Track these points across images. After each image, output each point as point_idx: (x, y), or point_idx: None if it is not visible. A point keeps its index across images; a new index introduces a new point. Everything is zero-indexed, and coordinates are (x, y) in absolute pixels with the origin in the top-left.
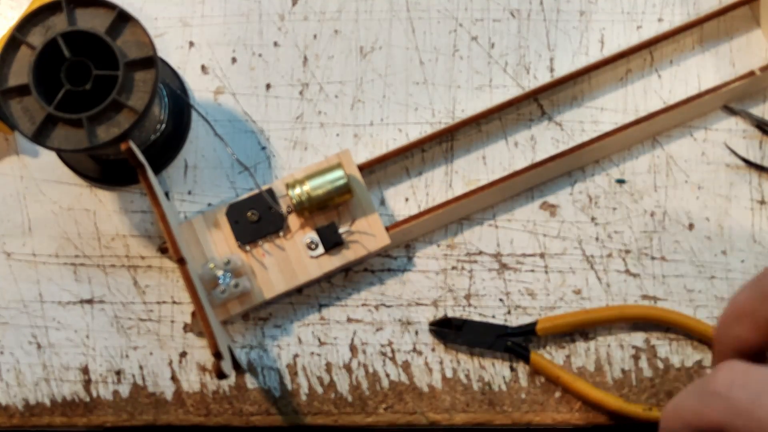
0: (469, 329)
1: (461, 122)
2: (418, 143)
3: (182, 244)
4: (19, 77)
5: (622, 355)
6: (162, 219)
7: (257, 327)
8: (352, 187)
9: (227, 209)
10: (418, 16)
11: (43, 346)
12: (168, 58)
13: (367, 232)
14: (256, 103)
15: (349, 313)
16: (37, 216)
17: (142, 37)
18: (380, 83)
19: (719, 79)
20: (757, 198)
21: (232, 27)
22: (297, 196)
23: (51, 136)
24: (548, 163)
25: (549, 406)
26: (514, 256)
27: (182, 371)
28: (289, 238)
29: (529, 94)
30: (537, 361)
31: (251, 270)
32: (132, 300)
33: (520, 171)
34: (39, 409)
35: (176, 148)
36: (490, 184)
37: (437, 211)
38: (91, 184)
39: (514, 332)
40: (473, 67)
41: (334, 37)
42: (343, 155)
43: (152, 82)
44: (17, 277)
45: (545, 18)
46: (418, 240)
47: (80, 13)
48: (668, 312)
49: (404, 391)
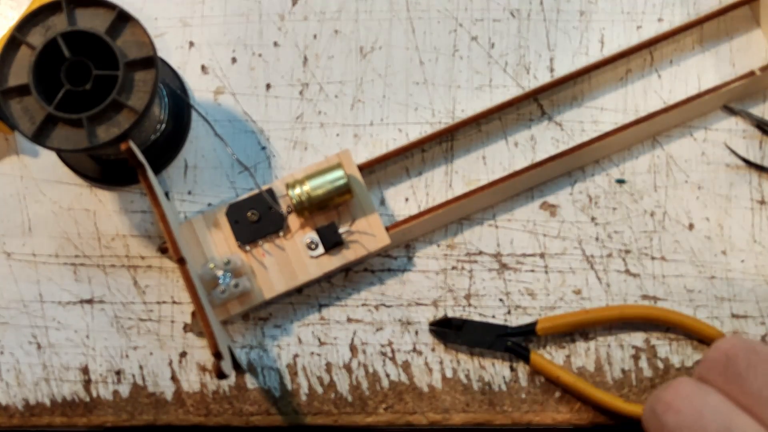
0: (469, 329)
1: (461, 122)
2: (418, 143)
3: (182, 244)
4: (19, 77)
5: (622, 355)
6: (162, 219)
7: (257, 327)
8: (352, 187)
9: (227, 209)
10: (418, 16)
11: (43, 346)
12: (168, 58)
13: (367, 232)
14: (256, 103)
15: (349, 313)
16: (37, 216)
17: (142, 37)
18: (380, 83)
19: (719, 79)
20: (757, 198)
21: (232, 27)
22: (297, 196)
23: (51, 136)
24: (548, 163)
25: (549, 406)
26: (514, 256)
27: (182, 371)
28: (289, 238)
29: (529, 94)
30: (537, 361)
31: (251, 270)
32: (132, 300)
33: (520, 171)
34: (39, 409)
35: (176, 148)
36: (490, 184)
37: (437, 211)
38: (91, 184)
39: (514, 332)
40: (473, 67)
41: (334, 37)
42: (343, 155)
43: (152, 82)
44: (17, 277)
45: (545, 18)
46: (418, 240)
47: (80, 13)
48: (668, 312)
49: (404, 391)
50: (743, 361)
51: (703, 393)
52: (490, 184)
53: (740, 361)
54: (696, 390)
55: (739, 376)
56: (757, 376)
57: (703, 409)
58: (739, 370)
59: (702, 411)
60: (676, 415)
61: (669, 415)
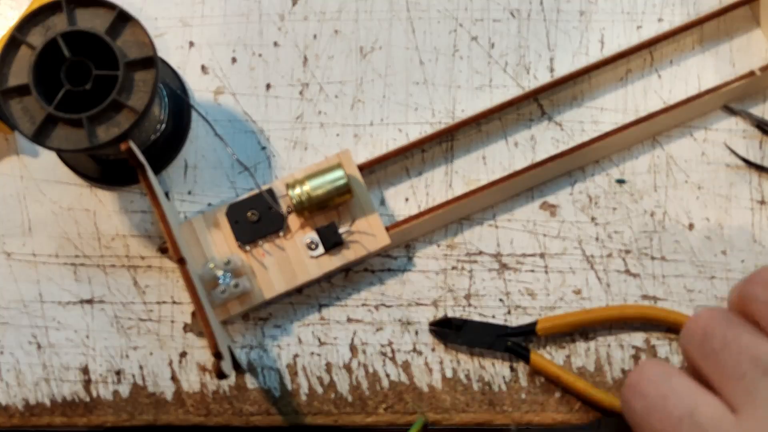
0: (469, 329)
1: (461, 122)
2: (418, 143)
3: (182, 244)
4: (19, 77)
5: (622, 355)
6: (162, 219)
7: (257, 327)
8: (352, 187)
9: (227, 209)
10: (418, 16)
11: (43, 346)
12: (168, 58)
13: (367, 232)
14: (256, 103)
15: (349, 313)
16: (37, 216)
17: (142, 37)
18: (380, 83)
19: (719, 79)
20: (757, 198)
21: (232, 27)
22: (297, 196)
23: (51, 136)
24: (548, 163)
25: (549, 406)
26: (514, 256)
27: (182, 371)
28: (289, 238)
29: (529, 94)
30: (537, 361)
31: (251, 270)
32: (132, 300)
33: (520, 171)
34: (39, 409)
35: (176, 148)
36: (490, 184)
37: (437, 211)
38: (91, 184)
39: (514, 332)
40: (473, 67)
41: (334, 37)
42: (343, 155)
43: (152, 82)
44: (17, 277)
45: (545, 18)
46: (418, 240)
47: (80, 13)
48: (668, 312)
49: (404, 391)
50: (719, 340)
51: (667, 375)
52: (490, 184)
53: (716, 338)
54: (661, 372)
55: (714, 353)
56: (731, 355)
57: (667, 392)
58: (714, 347)
59: (667, 394)
60: (643, 399)
61: (636, 399)
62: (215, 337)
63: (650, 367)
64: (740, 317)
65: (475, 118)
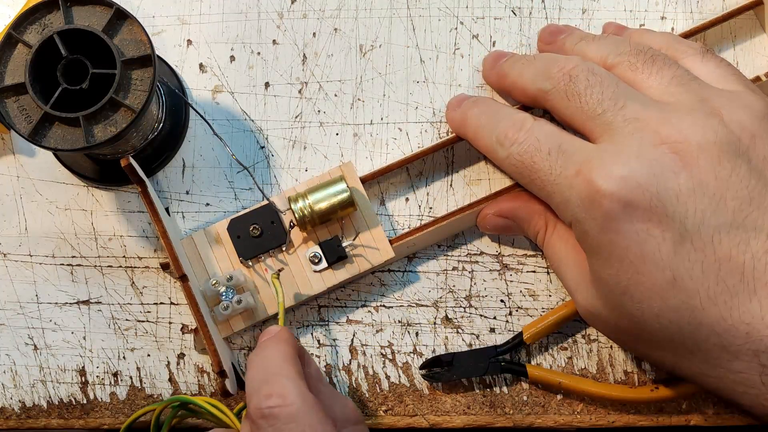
0: (459, 361)
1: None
2: (421, 154)
3: (184, 260)
4: (16, 76)
5: (624, 356)
6: (163, 236)
7: (256, 329)
8: (355, 200)
9: (228, 224)
10: (418, 13)
11: (40, 347)
12: (166, 57)
13: (370, 245)
14: (255, 102)
15: (349, 314)
16: (34, 216)
17: (140, 36)
18: (380, 82)
19: None
20: None
21: (231, 25)
22: (300, 210)
23: (47, 135)
24: None
25: (551, 408)
26: (515, 257)
27: (180, 373)
28: (292, 252)
29: None
30: (535, 375)
31: (254, 285)
32: (129, 301)
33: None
34: (35, 410)
35: (174, 148)
36: (494, 194)
37: (441, 223)
38: (88, 184)
39: (504, 350)
40: (474, 65)
41: (334, 35)
42: (345, 168)
43: (150, 81)
44: (13, 278)
45: (547, 16)
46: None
47: (77, 11)
48: None
49: (404, 393)
50: (583, 82)
51: (538, 124)
52: (494, 194)
53: (581, 81)
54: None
55: (578, 95)
56: (593, 94)
57: (538, 135)
58: (579, 90)
59: (537, 137)
60: (519, 146)
61: (513, 147)
62: (219, 355)
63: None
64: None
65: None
